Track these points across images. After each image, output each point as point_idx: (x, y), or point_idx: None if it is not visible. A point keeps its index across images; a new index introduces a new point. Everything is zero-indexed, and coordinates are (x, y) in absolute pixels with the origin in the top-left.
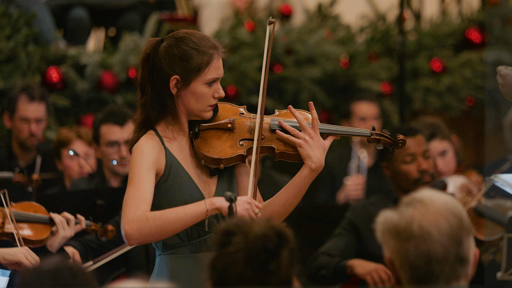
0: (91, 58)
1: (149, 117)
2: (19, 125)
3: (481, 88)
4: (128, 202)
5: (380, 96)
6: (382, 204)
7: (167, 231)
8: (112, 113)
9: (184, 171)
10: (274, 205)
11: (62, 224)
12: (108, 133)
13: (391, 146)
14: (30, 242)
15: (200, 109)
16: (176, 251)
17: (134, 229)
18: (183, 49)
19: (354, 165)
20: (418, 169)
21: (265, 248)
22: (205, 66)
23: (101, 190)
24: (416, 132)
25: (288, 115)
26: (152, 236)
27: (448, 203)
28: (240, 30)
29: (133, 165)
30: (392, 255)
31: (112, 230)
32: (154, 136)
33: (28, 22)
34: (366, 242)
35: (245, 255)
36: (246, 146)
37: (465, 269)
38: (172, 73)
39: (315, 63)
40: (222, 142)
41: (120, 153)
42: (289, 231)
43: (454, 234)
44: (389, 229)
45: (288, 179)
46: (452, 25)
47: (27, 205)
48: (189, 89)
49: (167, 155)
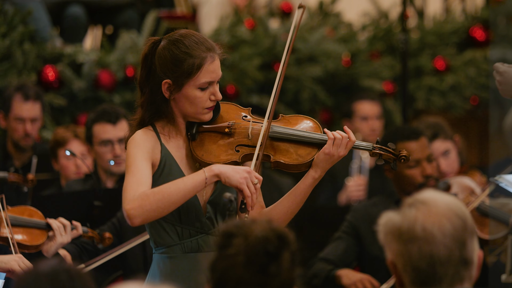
0: (88, 57)
1: (145, 119)
2: (14, 124)
3: (485, 87)
4: (127, 187)
5: (383, 95)
6: (383, 205)
7: (168, 204)
8: (104, 111)
9: (179, 170)
10: (276, 213)
11: (59, 230)
12: (100, 132)
13: (394, 161)
14: (25, 247)
15: (196, 112)
16: (167, 250)
17: (135, 207)
18: (174, 53)
19: (355, 166)
20: (422, 174)
21: (266, 251)
22: (196, 70)
23: (97, 191)
24: (419, 135)
25: (292, 120)
26: (154, 212)
27: (451, 204)
28: (239, 28)
29: (129, 154)
30: (394, 258)
31: (110, 237)
32: (151, 131)
33: (23, 20)
34: (367, 244)
35: (245, 257)
36: (241, 153)
37: (469, 271)
38: (164, 77)
39: (316, 62)
40: (218, 146)
41: (114, 152)
42: (290, 233)
43: (457, 236)
44: (392, 231)
45: (288, 181)
46: (456, 23)
47: (23, 209)
48: (182, 93)
49: (162, 150)
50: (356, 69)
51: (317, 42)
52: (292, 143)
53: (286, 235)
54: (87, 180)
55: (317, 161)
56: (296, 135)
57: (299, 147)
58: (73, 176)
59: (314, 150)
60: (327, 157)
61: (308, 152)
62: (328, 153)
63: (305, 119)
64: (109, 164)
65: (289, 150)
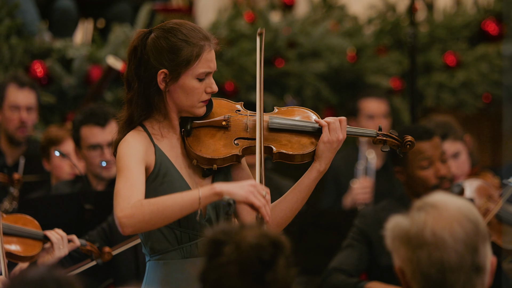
0: (79, 52)
1: (134, 115)
2: (9, 114)
3: (498, 84)
4: (119, 192)
5: (390, 93)
6: (394, 209)
7: (163, 217)
8: (92, 113)
9: (175, 170)
10: (281, 210)
11: (58, 243)
12: (89, 135)
13: (399, 147)
14: (18, 258)
15: (191, 105)
16: (165, 256)
17: (128, 216)
18: (171, 41)
19: (361, 167)
20: (436, 174)
21: (260, 259)
22: (195, 58)
23: (88, 193)
24: (432, 134)
25: (287, 113)
26: (147, 223)
27: (462, 207)
28: (238, 22)
29: (121, 156)
30: (403, 264)
31: (109, 252)
32: (142, 132)
33: (10, 13)
34: (378, 252)
35: (239, 267)
36: (241, 146)
37: (482, 279)
38: (159, 67)
39: (319, 57)
40: (216, 141)
41: (103, 156)
42: (283, 237)
43: (469, 241)
44: (400, 236)
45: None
46: (467, 16)
47: (17, 218)
48: (178, 83)
49: (156, 152)
50: (362, 65)
51: (321, 36)
52: (293, 134)
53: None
54: (76, 182)
55: (319, 152)
56: (296, 125)
57: (301, 137)
58: (66, 177)
59: (317, 139)
60: (327, 145)
61: (311, 141)
62: (328, 140)
63: (300, 109)
64: (100, 167)
65: (291, 140)
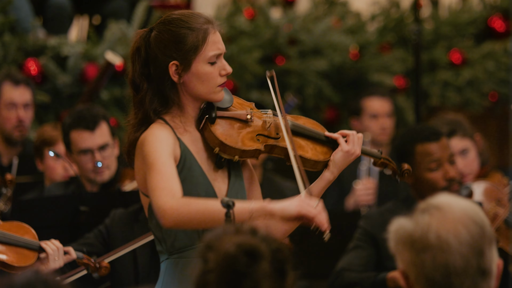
0: (74, 49)
1: (149, 115)
2: (5, 113)
3: (505, 82)
4: (158, 185)
5: (394, 91)
6: (399, 211)
7: (206, 221)
8: (81, 116)
9: (198, 165)
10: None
11: (54, 254)
12: (79, 140)
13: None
14: (11, 268)
15: (209, 91)
16: (185, 254)
17: (174, 208)
18: (174, 32)
19: (364, 168)
20: (445, 177)
21: (234, 270)
22: (202, 43)
23: (83, 195)
24: (440, 135)
25: (297, 120)
26: (189, 221)
27: (468, 209)
28: (238, 18)
29: (151, 151)
30: (406, 268)
31: (107, 266)
32: (166, 125)
33: (3, 9)
34: (385, 254)
35: (217, 276)
36: (262, 142)
37: (488, 283)
38: (169, 60)
39: (321, 55)
40: (238, 133)
41: (94, 160)
42: (264, 241)
43: (475, 244)
44: (403, 239)
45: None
46: (473, 13)
47: (13, 225)
48: (192, 72)
49: (181, 145)
50: (365, 63)
51: (323, 33)
52: (309, 140)
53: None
54: (69, 183)
55: (335, 160)
56: (314, 131)
57: (316, 144)
58: (59, 178)
59: (330, 150)
60: (346, 155)
61: (325, 151)
62: (348, 151)
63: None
64: (93, 171)
65: (308, 145)
